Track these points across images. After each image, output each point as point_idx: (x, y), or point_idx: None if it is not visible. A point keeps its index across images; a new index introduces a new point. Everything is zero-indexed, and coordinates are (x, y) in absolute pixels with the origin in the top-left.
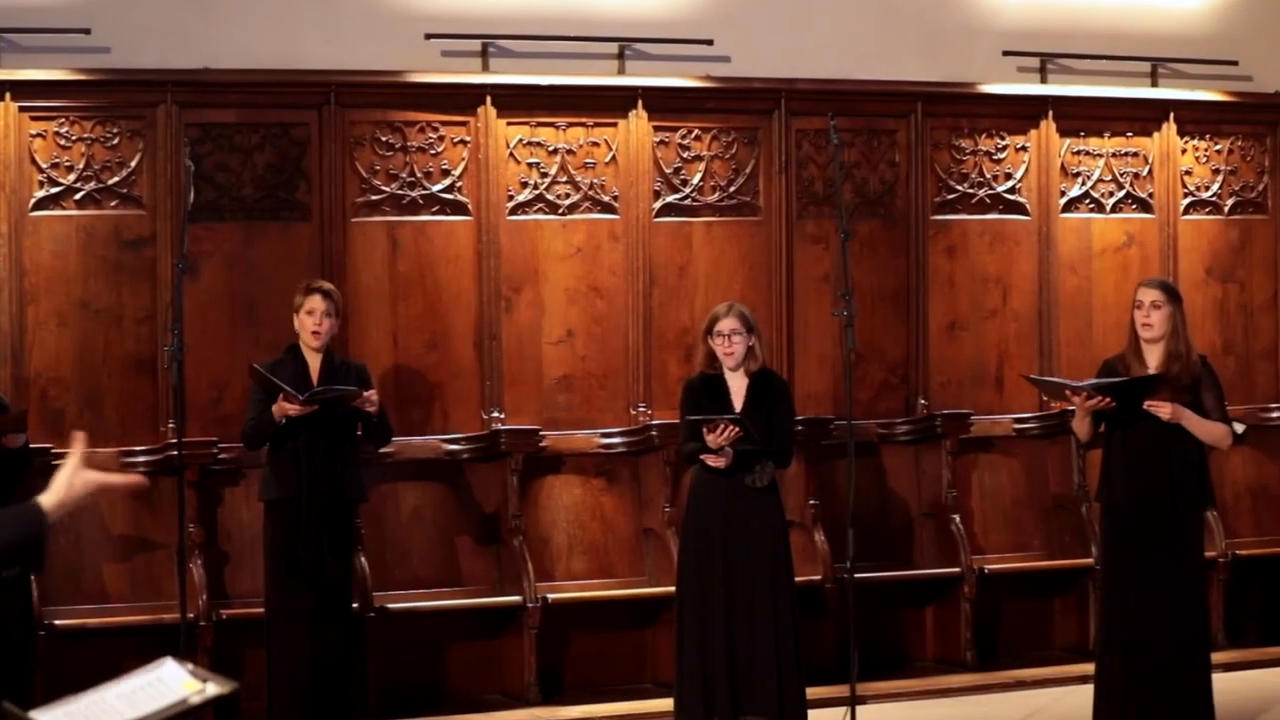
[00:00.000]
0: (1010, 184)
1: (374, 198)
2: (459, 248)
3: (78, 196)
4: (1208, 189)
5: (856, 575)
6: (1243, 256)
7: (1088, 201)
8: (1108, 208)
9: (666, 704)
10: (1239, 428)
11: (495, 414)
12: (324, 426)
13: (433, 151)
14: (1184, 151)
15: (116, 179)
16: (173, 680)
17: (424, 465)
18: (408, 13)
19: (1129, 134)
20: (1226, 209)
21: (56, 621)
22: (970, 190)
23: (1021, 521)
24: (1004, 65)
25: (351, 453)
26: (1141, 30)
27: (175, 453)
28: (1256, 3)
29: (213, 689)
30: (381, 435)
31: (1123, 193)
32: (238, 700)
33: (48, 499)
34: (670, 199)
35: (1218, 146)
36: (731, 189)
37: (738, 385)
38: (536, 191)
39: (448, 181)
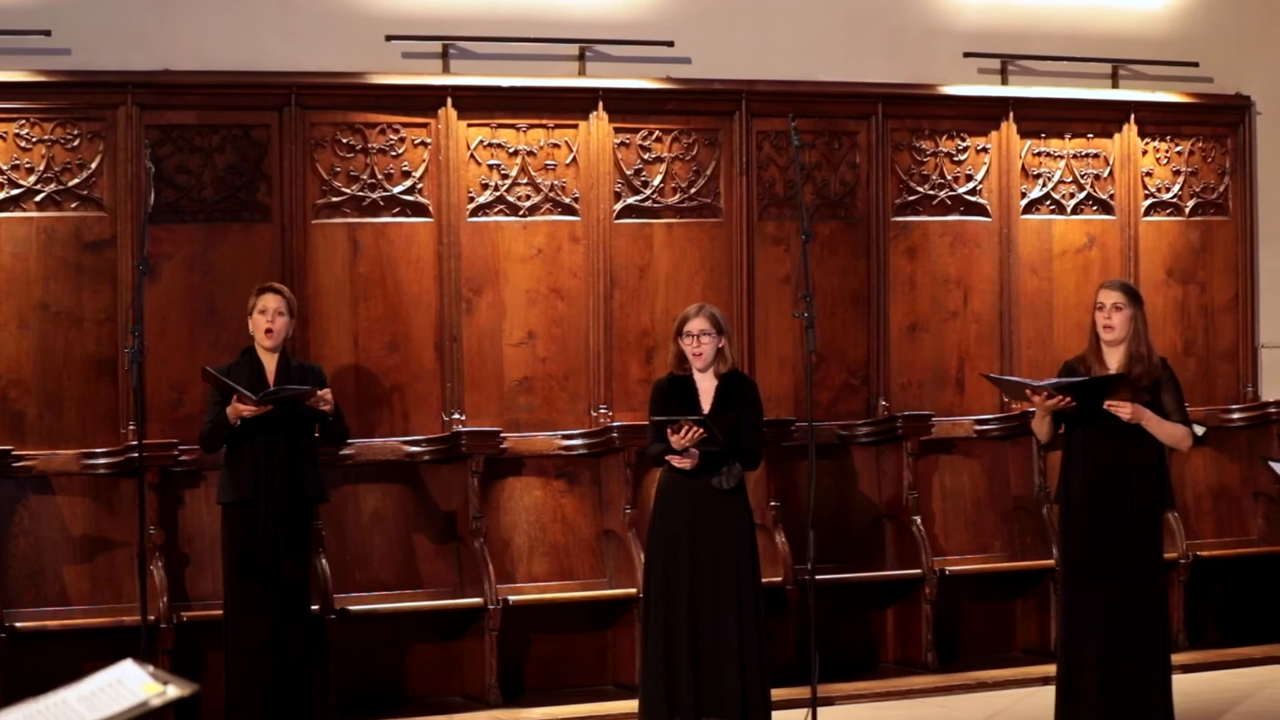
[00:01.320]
0: (971, 185)
1: (334, 199)
2: (419, 249)
3: (38, 198)
4: (1168, 190)
5: (817, 577)
6: (1203, 258)
7: (1048, 203)
8: (1068, 209)
9: (628, 705)
10: (1199, 429)
11: (456, 416)
12: (281, 427)
13: (393, 153)
14: (1145, 153)
15: (77, 181)
16: (133, 682)
17: (384, 467)
18: (368, 14)
19: (1090, 135)
20: (1187, 210)
21: (16, 624)
22: (931, 192)
23: (982, 523)
24: (965, 67)
25: (310, 453)
26: (1102, 32)
27: (135, 455)
28: (1217, 4)
29: (173, 691)
30: (338, 434)
31: (1083, 194)
32: (198, 702)
33: None
34: (631, 200)
35: (1178, 148)
36: (692, 190)
37: (707, 386)
38: (497, 193)
39: (408, 183)
